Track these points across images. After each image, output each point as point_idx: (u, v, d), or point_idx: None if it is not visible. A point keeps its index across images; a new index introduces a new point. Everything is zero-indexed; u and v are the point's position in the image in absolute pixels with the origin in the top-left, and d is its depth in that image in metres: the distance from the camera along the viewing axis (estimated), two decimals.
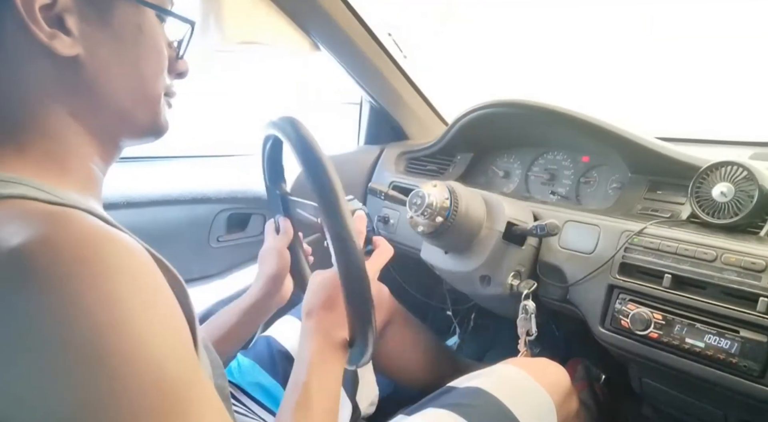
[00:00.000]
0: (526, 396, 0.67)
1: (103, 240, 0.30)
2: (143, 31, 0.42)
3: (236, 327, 0.69)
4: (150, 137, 0.46)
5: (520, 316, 0.78)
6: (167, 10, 0.44)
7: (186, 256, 1.05)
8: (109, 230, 0.32)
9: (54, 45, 0.36)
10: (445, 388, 0.70)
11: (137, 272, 0.31)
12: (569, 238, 0.80)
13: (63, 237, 0.29)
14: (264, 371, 0.77)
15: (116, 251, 0.31)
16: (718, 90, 1.75)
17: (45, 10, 0.36)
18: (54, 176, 0.38)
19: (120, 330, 0.29)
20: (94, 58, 0.39)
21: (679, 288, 0.67)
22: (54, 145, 0.39)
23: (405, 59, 1.16)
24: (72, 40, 0.37)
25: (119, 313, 0.29)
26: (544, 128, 0.97)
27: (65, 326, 0.28)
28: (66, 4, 0.37)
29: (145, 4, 0.42)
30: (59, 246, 0.29)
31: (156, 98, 0.44)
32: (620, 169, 0.91)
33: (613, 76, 2.05)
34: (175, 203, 1.02)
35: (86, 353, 0.28)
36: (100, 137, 0.42)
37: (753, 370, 0.59)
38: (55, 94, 0.38)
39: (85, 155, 0.41)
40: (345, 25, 1.01)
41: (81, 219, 0.31)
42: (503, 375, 0.70)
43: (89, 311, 0.28)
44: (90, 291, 0.28)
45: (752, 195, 0.67)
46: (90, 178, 0.42)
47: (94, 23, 0.39)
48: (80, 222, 0.31)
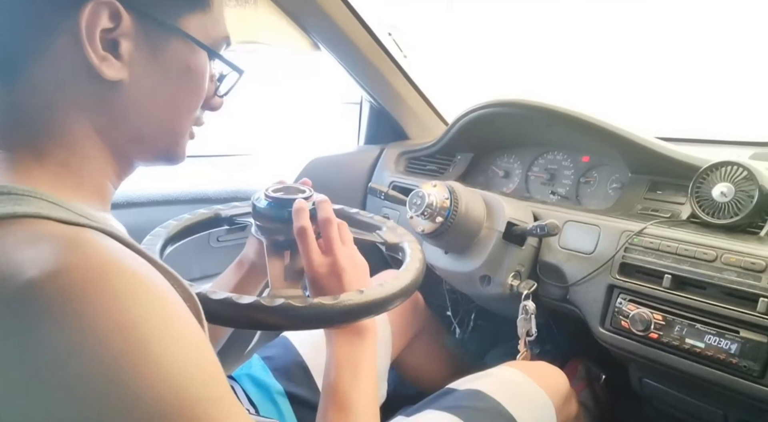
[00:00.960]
0: (527, 398, 0.67)
1: (117, 268, 0.30)
2: (191, 69, 0.42)
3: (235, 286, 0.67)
4: (164, 163, 0.46)
5: (520, 316, 0.78)
6: (220, 56, 0.44)
7: (186, 256, 1.05)
8: (122, 255, 0.32)
9: (102, 68, 0.36)
10: (445, 390, 0.70)
11: (150, 296, 0.31)
12: (569, 238, 0.80)
13: (76, 267, 0.29)
14: (277, 380, 0.76)
15: (128, 278, 0.30)
16: (718, 90, 1.75)
17: (105, 33, 0.36)
18: (69, 187, 0.38)
19: (136, 354, 0.28)
20: (136, 86, 0.39)
21: (679, 288, 0.67)
22: (74, 157, 0.38)
23: (405, 59, 1.16)
24: (121, 64, 0.37)
25: (134, 338, 0.28)
26: (544, 128, 0.97)
27: (80, 359, 0.27)
28: (126, 31, 0.37)
29: (201, 46, 0.42)
30: (72, 278, 0.28)
31: (182, 131, 0.45)
32: (620, 169, 0.91)
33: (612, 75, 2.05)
34: (175, 203, 1.02)
35: (103, 383, 0.27)
36: (118, 155, 0.42)
37: (753, 370, 0.59)
38: (87, 109, 0.38)
39: (101, 169, 0.41)
40: (345, 25, 1.01)
41: (95, 244, 0.31)
42: (503, 377, 0.70)
43: (103, 341, 0.28)
44: (103, 321, 0.28)
45: (752, 195, 0.67)
46: (103, 192, 0.42)
47: (147, 53, 0.39)
48: (94, 249, 0.30)
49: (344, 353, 0.51)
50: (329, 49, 1.07)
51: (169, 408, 0.28)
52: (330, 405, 0.48)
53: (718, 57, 1.93)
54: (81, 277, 0.28)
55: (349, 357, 0.51)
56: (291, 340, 0.82)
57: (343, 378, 0.50)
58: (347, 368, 0.51)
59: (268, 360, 0.78)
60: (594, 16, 2.31)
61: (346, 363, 0.51)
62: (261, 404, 0.74)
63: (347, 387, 0.49)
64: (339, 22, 0.99)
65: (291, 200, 0.56)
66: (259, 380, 0.76)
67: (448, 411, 0.62)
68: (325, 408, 0.49)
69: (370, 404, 0.50)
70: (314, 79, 1.45)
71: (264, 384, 0.76)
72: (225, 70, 0.47)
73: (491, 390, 0.65)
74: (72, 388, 0.27)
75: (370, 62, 1.10)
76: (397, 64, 1.15)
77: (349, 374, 0.50)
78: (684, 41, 2.03)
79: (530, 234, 0.78)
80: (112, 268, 0.30)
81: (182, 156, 0.47)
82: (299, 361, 0.78)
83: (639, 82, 2.11)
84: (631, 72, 2.16)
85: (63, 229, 0.32)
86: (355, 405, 0.48)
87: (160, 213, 1.00)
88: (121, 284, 0.30)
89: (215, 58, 0.44)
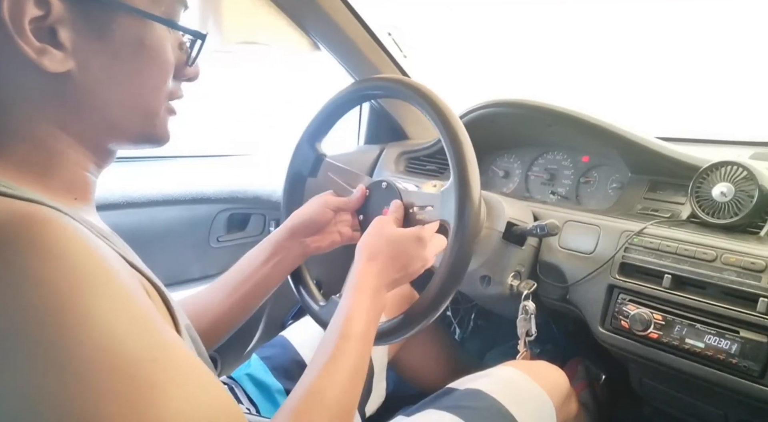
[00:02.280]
0: (527, 398, 0.67)
1: (56, 227, 0.29)
2: (145, 44, 0.38)
3: (260, 273, 0.65)
4: (147, 146, 0.44)
5: (520, 316, 0.78)
6: (174, 23, 0.40)
7: (186, 256, 1.05)
8: (65, 222, 0.30)
9: (43, 61, 0.33)
10: (445, 389, 0.70)
11: (85, 256, 0.29)
12: (569, 238, 0.80)
13: (11, 223, 0.28)
14: (276, 379, 0.76)
15: (50, 231, 0.28)
16: (718, 90, 1.75)
17: (36, 22, 0.33)
18: (33, 181, 0.36)
19: (63, 311, 0.27)
20: (88, 73, 0.36)
21: (679, 288, 0.67)
22: (38, 153, 0.37)
23: (405, 59, 1.17)
24: (64, 54, 0.35)
25: (61, 292, 0.27)
26: (544, 128, 0.97)
27: (5, 312, 0.26)
28: (59, 16, 0.34)
29: (151, 17, 0.38)
30: (5, 231, 0.27)
31: (154, 110, 0.41)
32: (620, 169, 0.91)
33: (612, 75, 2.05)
34: (175, 203, 1.02)
35: (23, 342, 0.26)
36: (91, 145, 0.40)
37: (753, 370, 0.59)
38: (40, 105, 0.36)
39: (74, 161, 0.39)
40: (345, 25, 1.01)
41: (40, 213, 0.29)
42: (503, 377, 0.70)
43: (25, 295, 0.26)
44: (25, 275, 0.27)
45: (752, 195, 0.67)
46: (79, 184, 0.40)
47: (90, 37, 0.35)
48: (39, 214, 0.29)
49: (363, 306, 0.52)
50: (329, 49, 1.07)
51: (102, 368, 0.27)
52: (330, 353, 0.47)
53: (718, 57, 1.93)
54: (15, 229, 0.27)
55: (366, 310, 0.52)
56: (289, 339, 0.82)
57: (351, 328, 0.50)
58: (359, 318, 0.51)
59: (267, 360, 0.79)
60: (594, 16, 2.31)
61: (361, 315, 0.51)
62: (261, 403, 0.74)
63: (352, 341, 0.49)
64: (339, 22, 0.99)
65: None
66: (258, 379, 0.76)
67: (448, 411, 0.62)
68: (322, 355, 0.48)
69: (362, 366, 0.49)
70: (314, 79, 1.45)
71: (264, 383, 0.76)
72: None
73: (491, 389, 0.65)
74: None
75: (371, 63, 1.10)
76: (397, 64, 1.15)
77: (357, 327, 0.50)
78: (684, 41, 2.03)
79: (530, 234, 0.78)
80: (51, 227, 0.29)
81: (164, 136, 0.44)
82: (298, 360, 0.78)
83: (639, 82, 2.10)
84: (631, 72, 2.16)
85: (10, 201, 0.30)
86: (348, 360, 0.47)
87: (160, 213, 1.00)
88: (55, 239, 0.28)
89: (170, 27, 0.40)
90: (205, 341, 0.56)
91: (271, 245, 0.66)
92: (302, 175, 0.75)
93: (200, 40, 0.43)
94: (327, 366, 0.46)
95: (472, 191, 0.56)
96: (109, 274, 0.30)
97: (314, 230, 0.68)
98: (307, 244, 0.68)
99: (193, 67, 0.45)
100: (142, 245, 0.49)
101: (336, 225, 0.70)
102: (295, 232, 0.67)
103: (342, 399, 0.44)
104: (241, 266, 0.66)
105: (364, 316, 0.51)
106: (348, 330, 0.49)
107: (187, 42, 0.44)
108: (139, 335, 0.29)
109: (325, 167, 0.73)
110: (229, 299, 0.63)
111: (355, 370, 0.47)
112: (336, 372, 0.45)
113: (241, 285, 0.64)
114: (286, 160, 0.76)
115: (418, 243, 0.58)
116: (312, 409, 0.42)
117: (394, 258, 0.57)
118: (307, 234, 0.67)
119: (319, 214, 0.67)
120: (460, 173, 0.56)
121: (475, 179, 0.56)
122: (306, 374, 0.46)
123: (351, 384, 0.46)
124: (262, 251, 0.66)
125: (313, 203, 0.68)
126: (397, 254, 0.57)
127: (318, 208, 0.67)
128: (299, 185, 0.76)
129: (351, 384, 0.46)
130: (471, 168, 0.57)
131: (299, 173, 0.75)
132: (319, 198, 0.69)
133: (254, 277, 0.65)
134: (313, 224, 0.67)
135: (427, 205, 0.62)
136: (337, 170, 0.72)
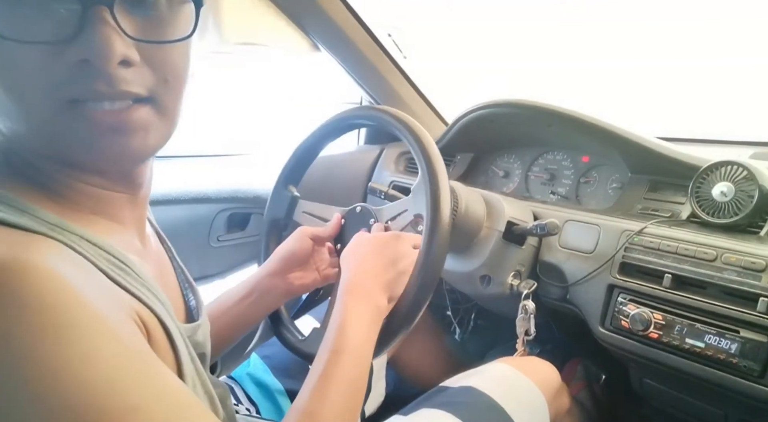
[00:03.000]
0: (518, 392, 0.67)
1: (15, 271, 0.27)
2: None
3: (235, 309, 0.63)
4: (95, 171, 0.37)
5: (519, 316, 0.78)
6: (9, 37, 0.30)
7: (186, 256, 1.04)
8: (54, 264, 0.28)
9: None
10: (438, 388, 0.70)
11: (49, 306, 0.27)
12: (569, 238, 0.80)
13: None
14: (276, 377, 0.76)
15: (25, 283, 0.27)
16: (718, 90, 1.75)
17: None
18: (49, 200, 0.35)
19: (23, 368, 0.26)
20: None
21: (680, 288, 0.67)
22: (29, 170, 0.35)
23: (405, 60, 1.16)
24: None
25: (21, 350, 0.26)
26: (544, 128, 0.97)
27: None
28: None
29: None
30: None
31: (47, 121, 0.33)
32: (620, 169, 0.91)
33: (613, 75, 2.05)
34: (175, 203, 1.02)
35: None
36: (59, 176, 0.36)
37: (753, 370, 0.59)
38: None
39: (68, 175, 0.36)
40: (344, 26, 1.00)
41: (30, 249, 0.29)
42: (495, 373, 0.70)
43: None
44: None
45: (752, 195, 0.67)
46: (92, 197, 0.38)
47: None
48: (25, 252, 0.28)
49: (357, 313, 0.50)
50: (329, 49, 1.07)
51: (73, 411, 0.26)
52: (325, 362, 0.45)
53: (719, 57, 1.93)
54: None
55: (360, 316, 0.50)
56: None
57: (347, 338, 0.47)
58: (356, 327, 0.49)
59: (267, 359, 0.79)
60: (595, 16, 2.31)
61: (357, 322, 0.49)
62: (261, 403, 0.74)
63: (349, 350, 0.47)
64: (339, 22, 0.99)
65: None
66: (258, 379, 0.76)
67: (441, 408, 0.62)
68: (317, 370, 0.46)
69: (362, 375, 0.48)
70: (314, 79, 1.45)
71: (264, 382, 0.76)
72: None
73: (483, 385, 0.66)
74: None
75: (370, 63, 1.10)
76: (397, 64, 1.15)
77: (353, 336, 0.48)
78: (684, 42, 2.03)
79: (530, 234, 0.78)
80: (26, 277, 0.27)
81: (97, 155, 0.35)
82: (297, 358, 0.78)
83: (639, 82, 2.11)
84: (631, 72, 2.16)
85: (5, 232, 0.29)
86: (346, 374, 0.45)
87: (161, 213, 0.99)
88: (27, 293, 0.27)
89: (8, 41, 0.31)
90: None
91: (250, 284, 0.64)
92: (279, 219, 0.75)
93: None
94: (319, 387, 0.43)
95: (438, 178, 0.56)
96: (88, 322, 0.28)
97: (296, 263, 0.65)
98: (290, 281, 0.65)
99: (84, 51, 0.32)
100: None
101: (315, 263, 0.68)
102: (278, 269, 0.65)
103: (338, 420, 0.42)
104: (221, 299, 0.65)
105: (360, 321, 0.49)
106: (340, 343, 0.47)
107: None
108: (115, 383, 0.28)
109: (300, 207, 0.73)
110: None
111: (351, 387, 0.45)
112: (329, 393, 0.43)
113: (217, 318, 0.61)
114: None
115: (398, 240, 0.58)
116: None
117: (380, 257, 0.55)
118: (289, 270, 0.65)
119: (299, 245, 0.65)
120: (426, 165, 0.57)
121: (440, 167, 0.57)
122: (299, 396, 0.44)
123: (346, 405, 0.44)
124: (241, 288, 0.65)
125: (292, 237, 0.67)
126: (381, 253, 0.56)
127: (296, 238, 0.66)
128: (276, 231, 0.76)
129: (346, 405, 0.44)
130: (435, 158, 0.58)
131: (276, 219, 0.75)
132: (297, 231, 0.68)
133: (230, 312, 0.63)
134: (294, 257, 0.65)
135: (402, 211, 0.62)
136: (311, 207, 0.72)
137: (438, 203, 0.55)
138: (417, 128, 0.60)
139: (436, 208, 0.55)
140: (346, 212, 0.69)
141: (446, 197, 0.56)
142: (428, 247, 0.54)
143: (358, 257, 0.56)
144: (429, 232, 0.55)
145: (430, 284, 0.54)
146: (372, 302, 0.52)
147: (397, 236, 0.59)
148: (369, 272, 0.54)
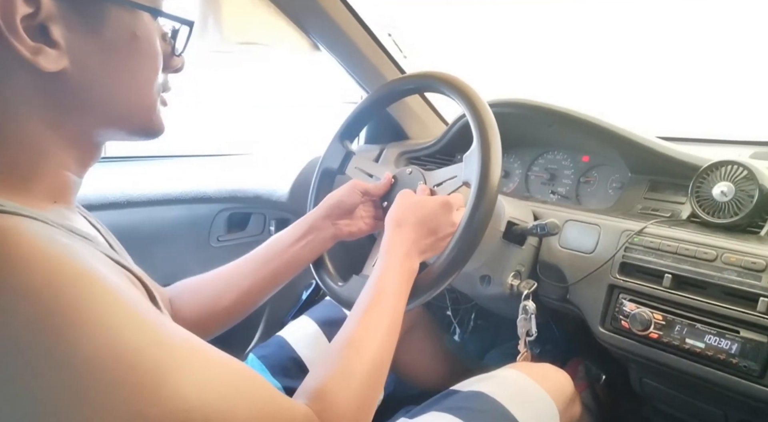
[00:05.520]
0: (530, 400, 0.66)
1: (11, 234, 0.28)
2: (138, 36, 0.38)
3: (290, 252, 0.68)
4: (143, 138, 0.43)
5: (520, 316, 0.78)
6: (164, 13, 0.40)
7: (186, 256, 1.05)
8: (43, 233, 0.30)
9: (38, 61, 0.33)
10: (448, 391, 0.69)
11: (53, 258, 0.29)
12: (569, 238, 0.80)
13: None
14: (273, 377, 0.76)
15: (25, 242, 0.28)
16: (718, 90, 1.75)
17: (27, 20, 0.32)
18: (12, 186, 0.35)
19: (49, 320, 0.27)
20: (83, 70, 0.35)
21: (680, 288, 0.67)
22: (23, 155, 0.36)
23: (405, 59, 1.16)
24: (58, 52, 0.34)
25: (44, 304, 0.27)
26: (545, 128, 0.97)
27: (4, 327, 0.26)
28: (50, 13, 0.33)
29: (141, 8, 0.38)
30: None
31: (151, 103, 0.41)
32: (620, 169, 0.91)
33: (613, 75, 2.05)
34: (175, 203, 1.02)
35: (20, 355, 0.26)
36: (81, 143, 0.39)
37: (753, 370, 0.59)
38: (35, 107, 0.35)
39: (58, 163, 0.38)
40: (345, 26, 1.00)
41: (13, 225, 0.29)
42: (506, 379, 0.69)
43: (8, 311, 0.27)
44: (9, 287, 0.27)
45: (752, 195, 0.67)
46: (59, 186, 0.39)
47: (83, 33, 0.35)
48: (11, 226, 0.29)
49: (393, 272, 0.56)
50: (329, 49, 1.07)
51: (103, 364, 0.27)
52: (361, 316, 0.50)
53: (718, 57, 1.93)
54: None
55: (397, 275, 0.55)
56: (286, 338, 0.82)
57: (383, 292, 0.53)
58: (391, 282, 0.55)
59: (264, 359, 0.79)
60: (594, 15, 2.31)
61: (393, 279, 0.55)
62: None
63: (385, 300, 0.52)
64: (339, 22, 0.99)
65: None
66: None
67: (450, 413, 0.62)
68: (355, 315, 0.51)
69: (394, 327, 0.52)
70: (314, 79, 1.45)
71: None
72: (176, 26, 0.43)
73: (494, 391, 0.65)
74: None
75: (370, 63, 1.10)
76: (397, 64, 1.15)
77: (388, 290, 0.54)
78: (684, 41, 2.03)
79: (530, 234, 0.78)
80: (25, 237, 0.28)
81: (160, 128, 0.44)
82: (295, 357, 0.78)
83: (639, 82, 2.11)
84: (631, 72, 2.16)
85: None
86: (381, 323, 0.50)
87: (161, 213, 1.00)
88: (30, 248, 0.28)
89: (159, 16, 0.40)
90: (228, 316, 0.62)
91: (306, 224, 0.69)
92: (332, 170, 0.79)
93: (188, 28, 0.43)
94: (364, 319, 0.49)
95: (491, 147, 0.59)
96: (92, 273, 0.30)
97: (345, 211, 0.71)
98: (339, 227, 0.71)
99: (180, 58, 0.45)
100: (142, 244, 0.49)
101: (361, 214, 0.74)
102: (329, 213, 0.70)
103: (377, 353, 0.47)
104: (271, 243, 0.69)
105: (397, 277, 0.55)
106: (382, 285, 0.53)
107: (168, 32, 0.43)
108: (134, 325, 0.30)
109: (353, 162, 0.77)
110: (258, 273, 0.66)
111: (390, 324, 0.50)
112: (371, 324, 0.49)
113: (271, 260, 0.66)
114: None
115: (445, 208, 0.61)
116: (351, 361, 0.45)
117: (422, 224, 0.60)
118: (338, 216, 0.70)
119: (349, 196, 0.70)
120: (481, 135, 0.59)
121: (494, 135, 0.59)
122: (343, 328, 0.49)
123: (387, 339, 0.49)
124: (296, 229, 0.69)
125: (344, 187, 0.72)
126: (424, 220, 0.60)
127: (347, 190, 0.71)
128: (328, 181, 0.79)
129: (387, 339, 0.49)
130: (491, 130, 0.60)
131: (329, 169, 0.79)
132: (348, 183, 0.72)
133: (285, 254, 0.67)
134: (343, 206, 0.70)
135: (452, 176, 0.65)
136: (365, 164, 0.77)
137: (488, 171, 0.57)
138: (473, 93, 0.62)
139: (485, 176, 0.57)
140: (397, 172, 0.73)
141: (497, 165, 0.58)
142: (472, 214, 0.57)
143: (401, 223, 0.60)
144: (475, 198, 0.57)
145: (467, 250, 0.57)
146: (407, 265, 0.57)
147: (442, 204, 0.61)
148: (407, 240, 0.59)
